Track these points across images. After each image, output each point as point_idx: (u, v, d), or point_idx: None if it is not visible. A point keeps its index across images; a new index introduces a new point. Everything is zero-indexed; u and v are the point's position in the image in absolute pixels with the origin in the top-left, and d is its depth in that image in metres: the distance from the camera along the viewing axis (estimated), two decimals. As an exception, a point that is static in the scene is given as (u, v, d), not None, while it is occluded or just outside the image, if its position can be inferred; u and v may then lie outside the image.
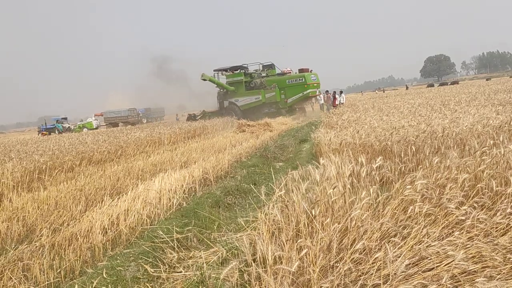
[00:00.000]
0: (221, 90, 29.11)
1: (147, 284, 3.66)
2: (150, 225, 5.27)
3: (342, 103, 28.14)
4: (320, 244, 3.08)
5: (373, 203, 3.81)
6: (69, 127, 49.69)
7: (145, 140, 15.80)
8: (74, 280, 3.82)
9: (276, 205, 3.84)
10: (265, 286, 2.76)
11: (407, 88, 79.48)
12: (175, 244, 4.48)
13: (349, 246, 3.13)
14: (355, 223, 3.34)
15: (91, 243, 4.67)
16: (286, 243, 3.18)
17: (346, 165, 4.60)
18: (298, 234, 3.49)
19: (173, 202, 6.14)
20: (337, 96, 29.28)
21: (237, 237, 4.54)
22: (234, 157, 10.29)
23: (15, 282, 3.73)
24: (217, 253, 4.13)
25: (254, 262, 3.20)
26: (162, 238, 4.61)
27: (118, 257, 4.29)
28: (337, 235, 3.21)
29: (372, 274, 2.83)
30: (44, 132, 44.09)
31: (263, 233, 3.55)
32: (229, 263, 3.83)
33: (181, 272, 3.84)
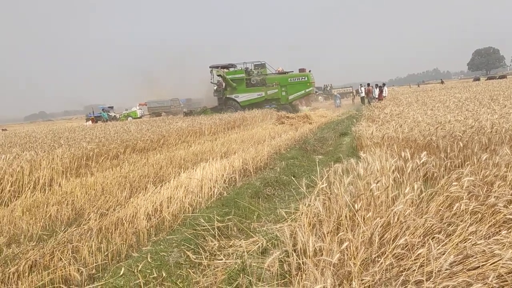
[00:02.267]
0: (219, 86, 30.07)
1: (189, 270, 3.77)
2: (192, 213, 5.40)
3: (384, 96, 27.58)
4: (361, 237, 3.07)
5: (417, 199, 3.75)
6: (115, 115, 51.23)
7: (187, 130, 16.10)
8: (121, 263, 3.98)
9: (318, 197, 3.85)
10: (307, 276, 2.78)
11: (442, 82, 75.98)
12: (216, 232, 4.58)
13: (391, 241, 3.11)
14: (397, 218, 3.30)
15: (135, 228, 4.85)
16: (327, 235, 3.19)
17: (389, 159, 4.53)
18: (339, 227, 3.49)
19: (214, 191, 6.25)
20: (383, 88, 28.68)
21: (277, 228, 4.59)
22: (273, 148, 10.33)
23: (65, 263, 3.92)
24: (257, 242, 4.19)
25: (294, 253, 3.23)
26: (204, 226, 4.72)
27: (161, 243, 4.43)
28: (379, 230, 3.19)
29: (414, 270, 2.80)
30: (92, 118, 45.72)
31: (304, 225, 3.58)
32: (270, 252, 3.89)
33: (222, 259, 3.93)
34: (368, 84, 31.72)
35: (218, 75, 29.42)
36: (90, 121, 42.16)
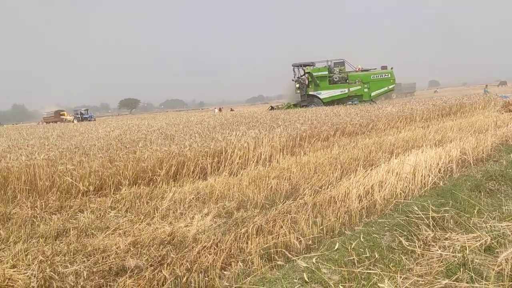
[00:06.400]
0: (302, 84, 31.05)
1: (402, 256, 3.73)
2: (404, 199, 5.28)
3: None
4: None
5: None
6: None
7: (396, 115, 15.63)
8: (334, 238, 4.20)
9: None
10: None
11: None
12: (430, 222, 4.39)
13: None
14: None
15: (347, 207, 5.02)
16: None
17: None
18: None
19: (428, 180, 5.97)
20: None
21: (502, 226, 4.13)
22: (499, 139, 9.19)
23: (285, 231, 4.33)
24: (479, 239, 3.85)
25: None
26: (417, 214, 4.57)
27: (373, 225, 4.49)
28: None
29: None
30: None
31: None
32: (495, 251, 3.55)
33: (437, 251, 3.76)
34: None
35: (307, 72, 30.97)
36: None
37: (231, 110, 51.44)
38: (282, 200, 5.66)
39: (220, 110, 54.75)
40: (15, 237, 4.83)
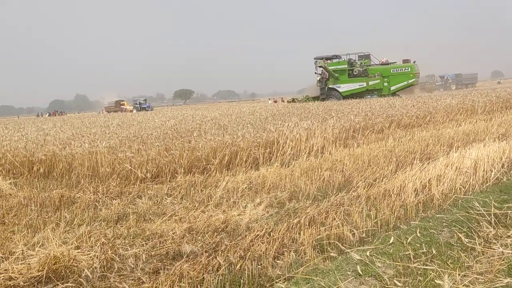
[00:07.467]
0: (322, 77, 31.03)
1: (460, 253, 3.60)
2: (464, 195, 5.08)
3: None
4: None
5: None
6: None
7: (456, 107, 14.96)
8: (389, 232, 4.11)
9: None
10: None
11: None
12: (492, 219, 4.20)
13: None
14: None
15: (403, 201, 4.89)
16: None
17: None
18: None
19: (490, 175, 5.70)
20: None
21: None
22: None
23: (338, 223, 4.30)
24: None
25: None
26: (478, 210, 4.39)
27: (430, 220, 4.36)
28: None
29: None
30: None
31: None
32: None
33: (499, 248, 3.60)
34: None
35: (319, 66, 30.83)
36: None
37: (282, 101, 51.37)
38: (334, 192, 5.60)
39: (275, 101, 54.51)
40: (79, 220, 5.12)
